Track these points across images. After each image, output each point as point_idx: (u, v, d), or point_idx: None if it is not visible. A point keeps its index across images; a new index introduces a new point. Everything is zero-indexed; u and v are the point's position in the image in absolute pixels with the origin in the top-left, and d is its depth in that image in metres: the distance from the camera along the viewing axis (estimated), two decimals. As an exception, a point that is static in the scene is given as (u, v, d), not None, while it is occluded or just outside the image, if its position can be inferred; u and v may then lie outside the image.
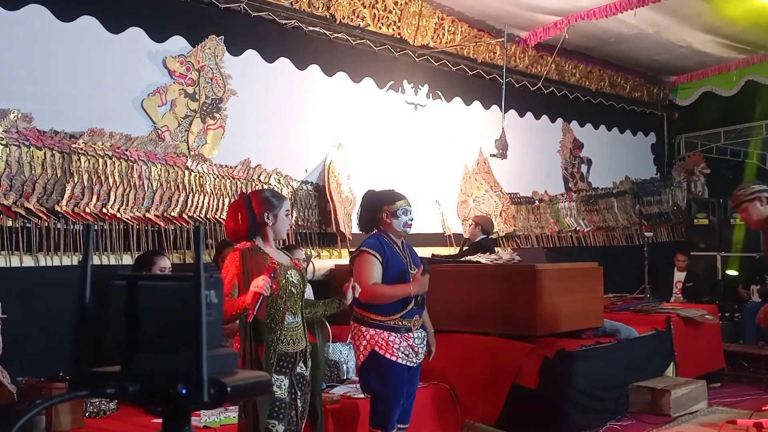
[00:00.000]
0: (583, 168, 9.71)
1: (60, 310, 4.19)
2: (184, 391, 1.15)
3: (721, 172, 11.07)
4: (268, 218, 3.47)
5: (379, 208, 4.16)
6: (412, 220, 4.18)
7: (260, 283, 3.19)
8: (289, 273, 3.48)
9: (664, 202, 10.53)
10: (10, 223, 4.65)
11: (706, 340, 7.43)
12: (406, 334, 4.05)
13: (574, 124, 9.60)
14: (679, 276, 9.21)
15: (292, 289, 3.48)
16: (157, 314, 1.23)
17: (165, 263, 4.68)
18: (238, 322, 3.40)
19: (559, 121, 9.40)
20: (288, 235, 6.15)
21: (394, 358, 4.01)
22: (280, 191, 6.11)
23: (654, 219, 10.31)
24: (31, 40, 4.88)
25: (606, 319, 6.29)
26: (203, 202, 5.60)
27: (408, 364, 4.07)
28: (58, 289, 4.43)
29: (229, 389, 1.17)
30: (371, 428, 4.13)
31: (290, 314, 3.46)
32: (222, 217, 5.58)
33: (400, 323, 4.03)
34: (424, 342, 4.19)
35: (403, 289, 4.00)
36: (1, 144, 4.61)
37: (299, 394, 3.52)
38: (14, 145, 4.66)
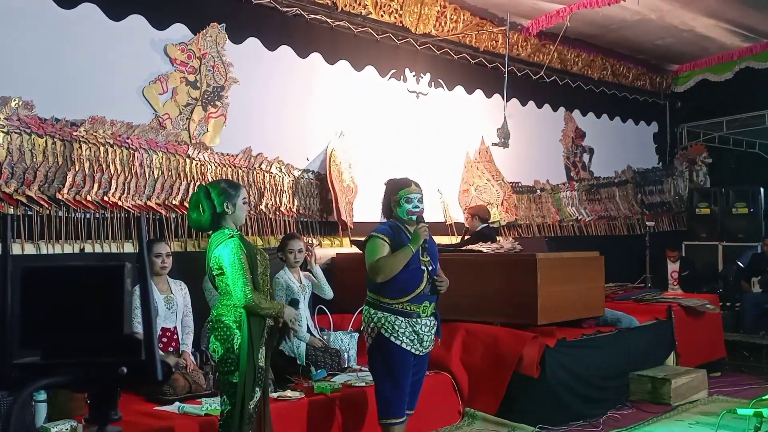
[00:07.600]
0: (585, 157, 9.68)
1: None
2: (127, 372, 1.20)
3: (723, 162, 11.04)
4: (227, 208, 3.65)
5: (389, 196, 4.23)
6: (416, 207, 4.13)
7: None
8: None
9: (665, 191, 10.50)
10: (11, 210, 4.65)
11: (707, 329, 7.44)
12: (415, 320, 4.04)
13: (576, 113, 9.57)
14: (673, 266, 9.22)
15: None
16: (78, 302, 1.28)
17: (160, 249, 4.76)
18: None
19: (561, 110, 9.37)
20: (289, 223, 6.17)
21: (398, 343, 4.01)
22: (281, 180, 6.13)
23: (656, 208, 10.29)
24: (31, 28, 4.86)
25: (607, 308, 6.30)
26: (204, 190, 5.59)
27: (413, 351, 4.07)
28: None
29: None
30: (381, 421, 4.09)
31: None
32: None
33: (408, 307, 4.03)
34: (433, 331, 4.16)
35: (403, 250, 4.01)
36: (2, 132, 4.60)
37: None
38: (15, 132, 4.65)
